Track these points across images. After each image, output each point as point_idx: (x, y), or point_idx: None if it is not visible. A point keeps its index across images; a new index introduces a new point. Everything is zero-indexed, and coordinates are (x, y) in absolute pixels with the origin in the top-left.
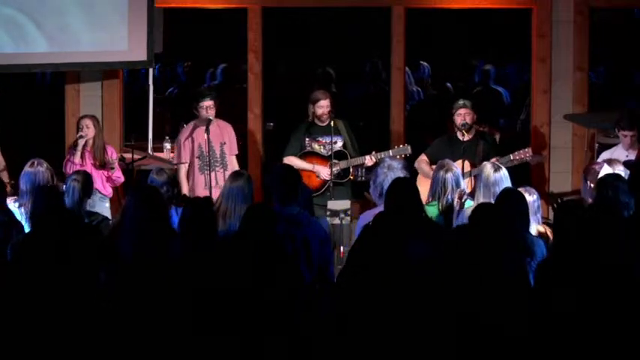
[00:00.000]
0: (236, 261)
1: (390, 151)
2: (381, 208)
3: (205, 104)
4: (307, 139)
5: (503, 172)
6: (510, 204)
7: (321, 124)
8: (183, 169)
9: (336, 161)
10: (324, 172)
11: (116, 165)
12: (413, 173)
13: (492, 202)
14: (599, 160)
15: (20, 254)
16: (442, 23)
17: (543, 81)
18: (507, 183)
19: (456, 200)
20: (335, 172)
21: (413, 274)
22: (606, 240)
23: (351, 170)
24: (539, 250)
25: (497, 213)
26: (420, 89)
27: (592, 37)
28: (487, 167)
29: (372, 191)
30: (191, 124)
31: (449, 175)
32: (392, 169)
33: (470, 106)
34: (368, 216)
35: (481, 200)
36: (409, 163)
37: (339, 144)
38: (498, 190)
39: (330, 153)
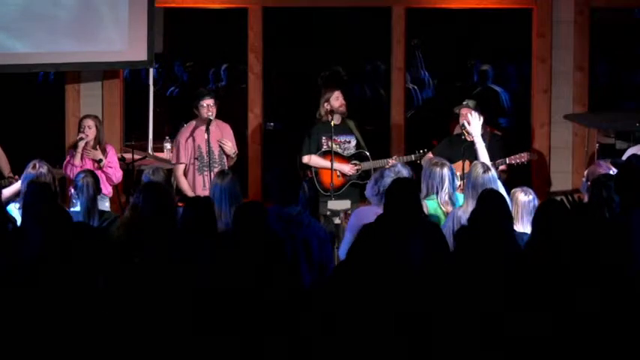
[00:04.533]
0: (236, 261)
1: (413, 155)
2: (375, 208)
3: (205, 103)
4: (324, 137)
5: (492, 173)
6: (489, 205)
7: (336, 121)
8: (180, 169)
9: (357, 162)
10: (347, 169)
11: (107, 161)
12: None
13: None
14: (625, 156)
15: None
16: (442, 23)
17: (543, 81)
18: (497, 183)
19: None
20: (357, 172)
21: (412, 275)
22: (598, 239)
23: (372, 173)
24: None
25: (478, 215)
26: (416, 87)
27: (592, 37)
28: (477, 167)
29: (369, 188)
30: (191, 124)
31: (445, 171)
32: (399, 175)
33: (473, 107)
34: (361, 213)
35: (469, 201)
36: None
37: (353, 143)
38: None
39: (346, 152)
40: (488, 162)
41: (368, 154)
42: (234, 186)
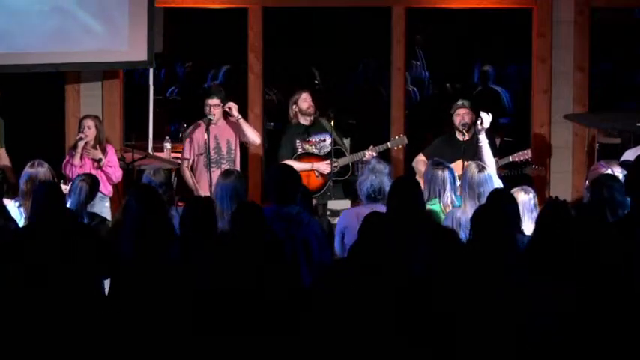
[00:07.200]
0: (235, 261)
1: (388, 143)
2: (364, 208)
3: (210, 102)
4: (297, 141)
5: (488, 172)
6: (498, 205)
7: (306, 123)
8: (184, 165)
9: (335, 159)
10: (325, 167)
11: (107, 160)
12: (410, 172)
13: (477, 202)
14: (622, 158)
15: (18, 250)
16: (442, 23)
17: (543, 81)
18: (492, 183)
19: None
20: (335, 169)
21: (414, 275)
22: (600, 240)
23: (351, 167)
24: None
25: (489, 215)
26: (415, 89)
27: (592, 37)
28: (471, 167)
29: (357, 189)
30: (199, 122)
31: (447, 174)
32: (376, 172)
33: (469, 106)
34: (349, 214)
35: (467, 202)
36: (408, 163)
37: (328, 141)
38: (483, 190)
39: (322, 152)
40: (492, 161)
41: (344, 149)
42: (238, 185)
